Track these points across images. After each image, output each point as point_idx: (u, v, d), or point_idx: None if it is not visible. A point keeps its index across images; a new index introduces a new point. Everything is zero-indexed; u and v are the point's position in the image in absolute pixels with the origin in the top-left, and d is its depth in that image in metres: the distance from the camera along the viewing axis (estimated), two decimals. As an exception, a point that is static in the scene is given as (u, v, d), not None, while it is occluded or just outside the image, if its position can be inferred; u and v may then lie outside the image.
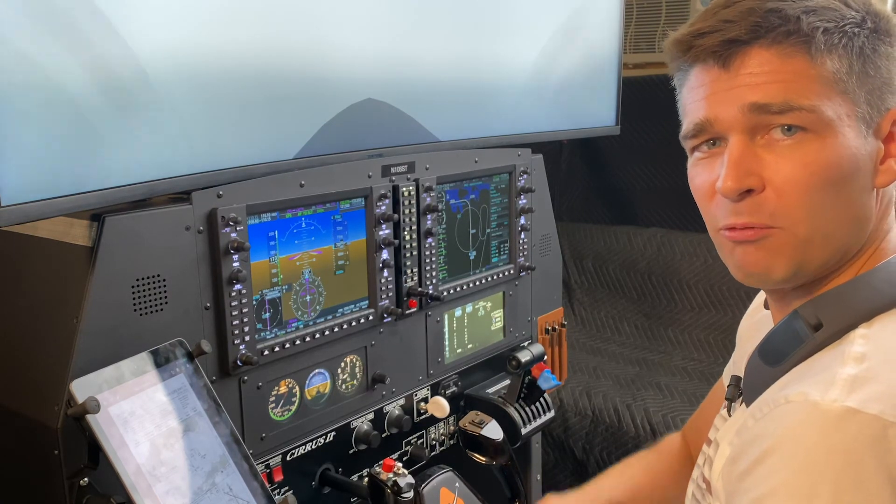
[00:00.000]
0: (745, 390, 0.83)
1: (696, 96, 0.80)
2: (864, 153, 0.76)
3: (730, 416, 0.90)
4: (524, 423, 1.59)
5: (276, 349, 1.26)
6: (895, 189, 0.82)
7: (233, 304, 1.19)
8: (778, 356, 0.78)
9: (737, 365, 1.04)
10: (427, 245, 1.52)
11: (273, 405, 1.29)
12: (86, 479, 1.01)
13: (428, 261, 1.52)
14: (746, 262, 0.79)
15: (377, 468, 1.30)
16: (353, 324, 1.39)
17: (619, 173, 3.01)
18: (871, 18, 0.76)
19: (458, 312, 1.64)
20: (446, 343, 1.62)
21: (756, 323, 1.00)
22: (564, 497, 1.18)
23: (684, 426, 1.23)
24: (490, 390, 1.67)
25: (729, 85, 0.77)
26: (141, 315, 1.10)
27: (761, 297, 0.99)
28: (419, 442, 1.59)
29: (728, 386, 0.92)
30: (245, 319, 1.21)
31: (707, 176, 0.81)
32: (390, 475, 1.27)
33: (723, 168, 0.77)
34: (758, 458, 0.68)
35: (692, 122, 0.81)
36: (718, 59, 0.77)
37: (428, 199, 1.50)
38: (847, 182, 0.75)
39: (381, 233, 1.42)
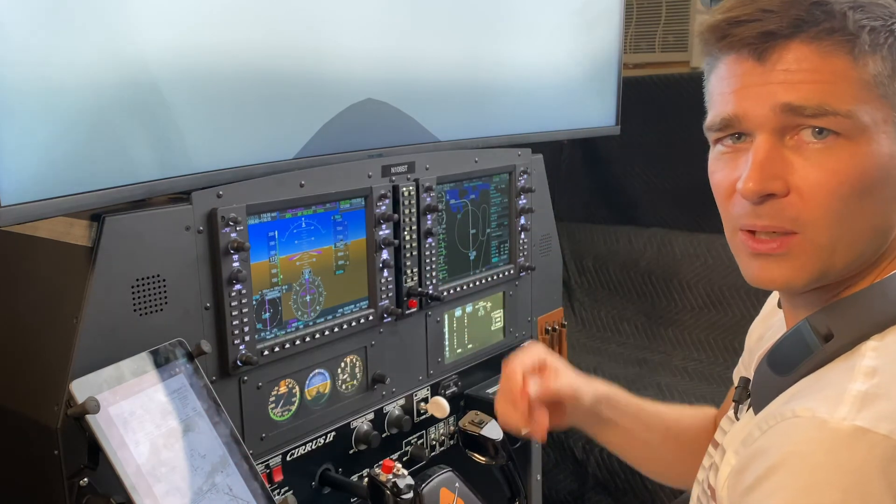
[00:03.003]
0: (754, 396, 0.81)
1: (725, 87, 0.76)
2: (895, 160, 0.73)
3: (737, 419, 0.89)
4: (524, 423, 1.59)
5: (276, 349, 1.26)
6: None
7: (233, 304, 1.19)
8: (786, 366, 0.76)
9: (746, 367, 1.02)
10: (427, 245, 1.52)
11: (273, 405, 1.29)
12: (86, 479, 1.00)
13: (428, 261, 1.52)
14: (765, 276, 0.76)
15: (377, 469, 1.30)
16: (353, 324, 1.39)
17: (619, 173, 3.01)
18: None
19: (458, 312, 1.64)
20: (446, 343, 1.62)
21: (771, 325, 0.97)
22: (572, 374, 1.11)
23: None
24: (490, 390, 1.67)
25: (763, 80, 0.72)
26: (141, 315, 1.09)
27: (774, 297, 0.96)
28: (419, 442, 1.59)
29: (736, 388, 0.90)
30: (245, 319, 1.21)
31: (728, 173, 0.77)
32: (390, 476, 1.27)
33: (746, 168, 0.73)
34: (763, 473, 0.67)
35: (719, 115, 0.76)
36: (754, 51, 0.72)
37: (428, 199, 1.50)
38: (876, 191, 0.72)
39: (381, 233, 1.42)
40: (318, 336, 1.33)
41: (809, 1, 0.71)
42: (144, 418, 1.00)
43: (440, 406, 1.53)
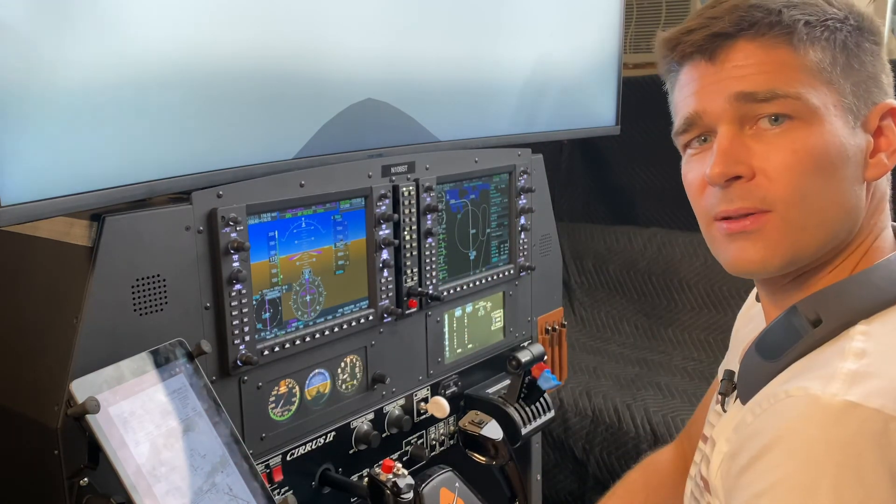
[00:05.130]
0: (740, 385, 0.83)
1: (686, 92, 0.83)
2: (853, 144, 0.78)
3: (724, 411, 0.90)
4: (524, 423, 1.59)
5: (276, 349, 1.26)
6: (888, 186, 0.83)
7: (233, 304, 1.19)
8: (776, 351, 0.78)
9: (730, 361, 1.03)
10: (427, 245, 1.52)
11: (273, 405, 1.29)
12: (86, 479, 1.01)
13: (428, 261, 1.52)
14: (742, 257, 0.80)
15: (377, 469, 1.30)
16: (353, 324, 1.39)
17: (619, 173, 3.01)
18: (853, 17, 0.79)
19: (458, 312, 1.64)
20: (446, 343, 1.62)
21: (750, 318, 1.00)
22: None
23: (680, 434, 1.23)
24: (490, 390, 1.67)
25: (716, 78, 0.79)
26: (141, 315, 1.10)
27: (755, 292, 0.99)
28: (419, 442, 1.59)
29: (721, 381, 0.92)
30: (245, 319, 1.21)
31: (698, 171, 0.83)
32: (390, 476, 1.27)
33: (712, 157, 0.79)
34: (757, 453, 0.68)
35: (682, 118, 0.83)
36: (705, 53, 0.80)
37: (428, 199, 1.50)
38: (837, 169, 0.77)
39: (381, 233, 1.42)
40: (318, 336, 1.33)
41: (748, 4, 0.79)
42: (144, 418, 1.00)
43: (440, 406, 1.53)
